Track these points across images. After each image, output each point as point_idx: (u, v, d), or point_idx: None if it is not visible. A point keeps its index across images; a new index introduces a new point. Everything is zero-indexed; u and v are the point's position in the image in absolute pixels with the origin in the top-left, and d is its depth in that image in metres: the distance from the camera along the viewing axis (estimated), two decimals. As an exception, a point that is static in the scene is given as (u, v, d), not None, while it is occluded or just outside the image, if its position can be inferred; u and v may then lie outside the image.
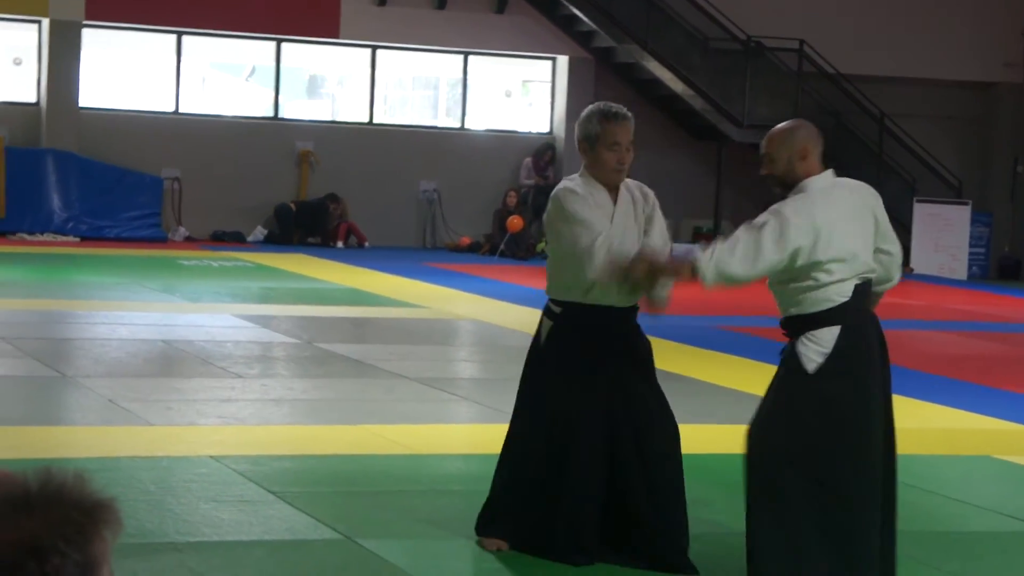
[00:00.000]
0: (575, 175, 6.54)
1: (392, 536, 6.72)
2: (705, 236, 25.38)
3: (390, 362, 11.72)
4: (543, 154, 24.55)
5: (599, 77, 24.96)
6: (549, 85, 25.04)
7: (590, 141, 6.40)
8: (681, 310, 16.71)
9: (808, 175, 5.80)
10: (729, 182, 25.21)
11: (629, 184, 6.60)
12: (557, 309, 6.42)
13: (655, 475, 6.45)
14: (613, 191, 6.48)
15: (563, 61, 24.87)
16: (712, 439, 9.45)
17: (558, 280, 6.46)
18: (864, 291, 5.75)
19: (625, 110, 6.53)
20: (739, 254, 5.63)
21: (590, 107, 6.57)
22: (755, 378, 11.88)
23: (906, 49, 26.20)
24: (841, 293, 5.64)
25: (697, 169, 25.60)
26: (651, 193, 6.68)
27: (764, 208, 5.95)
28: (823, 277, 5.62)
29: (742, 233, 5.71)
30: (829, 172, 5.88)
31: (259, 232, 23.16)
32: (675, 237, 25.34)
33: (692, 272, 5.70)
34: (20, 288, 15.68)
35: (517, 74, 25.50)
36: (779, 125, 6.01)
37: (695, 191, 25.50)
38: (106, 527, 2.07)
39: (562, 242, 6.37)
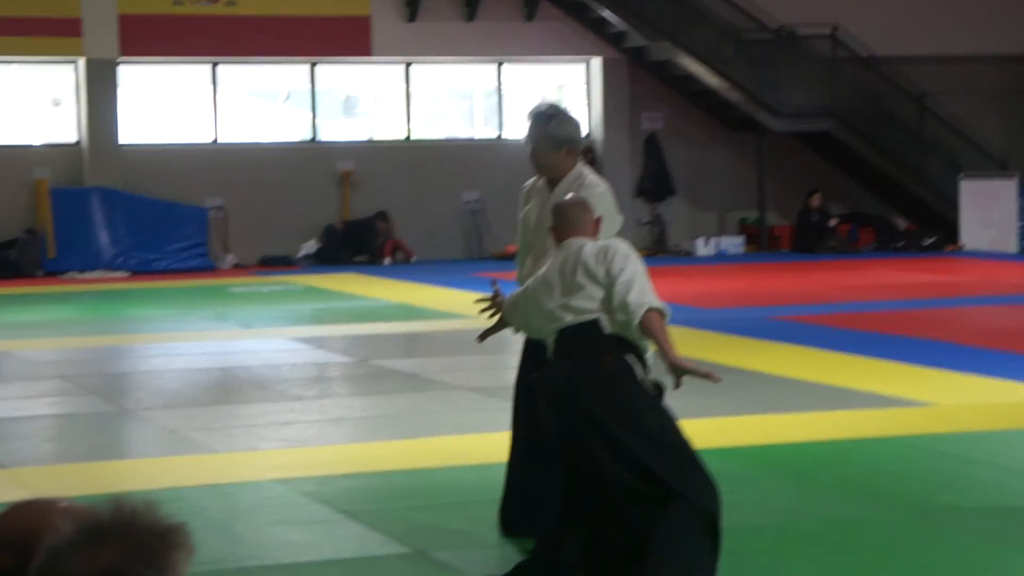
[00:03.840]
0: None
1: (464, 547, 6.73)
2: (751, 227, 25.33)
3: (446, 374, 11.74)
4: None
5: (633, 76, 24.93)
6: (584, 88, 25.05)
7: None
8: (732, 302, 16.69)
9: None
10: (771, 172, 25.11)
11: (576, 176, 6.72)
12: None
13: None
14: (551, 184, 6.78)
15: (596, 63, 24.86)
16: (775, 429, 9.41)
17: None
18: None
19: (536, 109, 6.74)
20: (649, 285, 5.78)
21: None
22: (813, 365, 11.83)
23: (941, 26, 26.04)
24: None
25: (738, 161, 25.53)
26: (589, 186, 6.62)
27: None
28: None
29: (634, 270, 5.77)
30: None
31: (310, 246, 23.12)
32: (721, 230, 25.40)
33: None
34: (75, 326, 15.80)
35: (551, 79, 25.52)
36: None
37: (738, 183, 25.43)
38: (180, 550, 2.10)
39: None
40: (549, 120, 6.63)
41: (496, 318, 6.61)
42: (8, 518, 2.80)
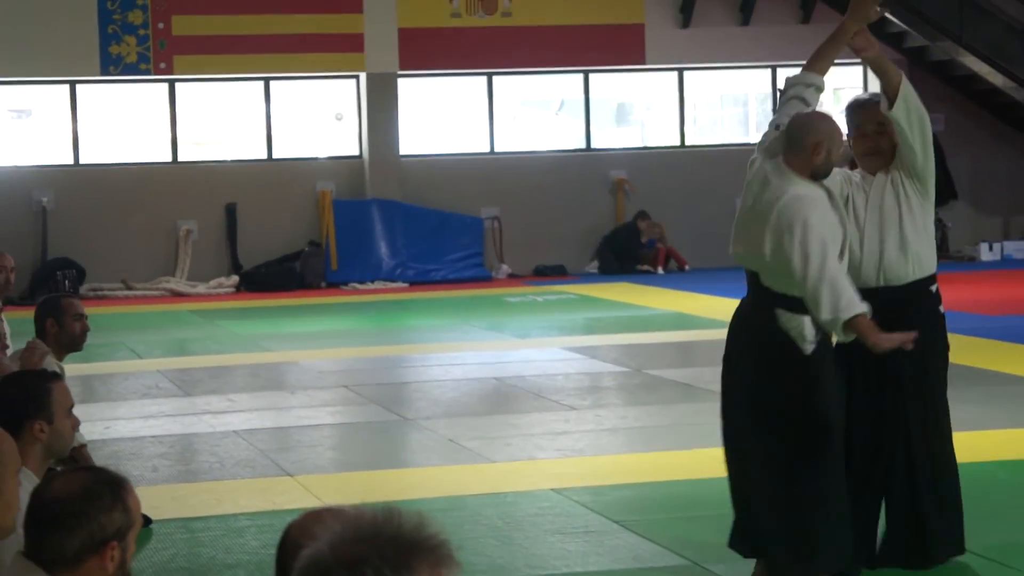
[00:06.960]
0: None
1: (739, 559, 6.65)
2: (1038, 231, 24.43)
3: (720, 384, 11.61)
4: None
5: (913, 77, 24.04)
6: (862, 91, 24.55)
7: None
8: (1019, 309, 16.13)
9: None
10: (1060, 173, 24.20)
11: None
12: None
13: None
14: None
15: (874, 65, 24.32)
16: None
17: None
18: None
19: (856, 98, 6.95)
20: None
21: None
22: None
23: None
24: None
25: (1024, 163, 24.67)
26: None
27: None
28: None
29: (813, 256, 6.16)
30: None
31: (594, 266, 23.19)
32: (1006, 234, 24.58)
33: None
34: (357, 337, 16.20)
35: (827, 83, 25.04)
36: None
37: (1024, 186, 24.59)
38: (439, 567, 2.10)
39: None
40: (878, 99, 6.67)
41: None
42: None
